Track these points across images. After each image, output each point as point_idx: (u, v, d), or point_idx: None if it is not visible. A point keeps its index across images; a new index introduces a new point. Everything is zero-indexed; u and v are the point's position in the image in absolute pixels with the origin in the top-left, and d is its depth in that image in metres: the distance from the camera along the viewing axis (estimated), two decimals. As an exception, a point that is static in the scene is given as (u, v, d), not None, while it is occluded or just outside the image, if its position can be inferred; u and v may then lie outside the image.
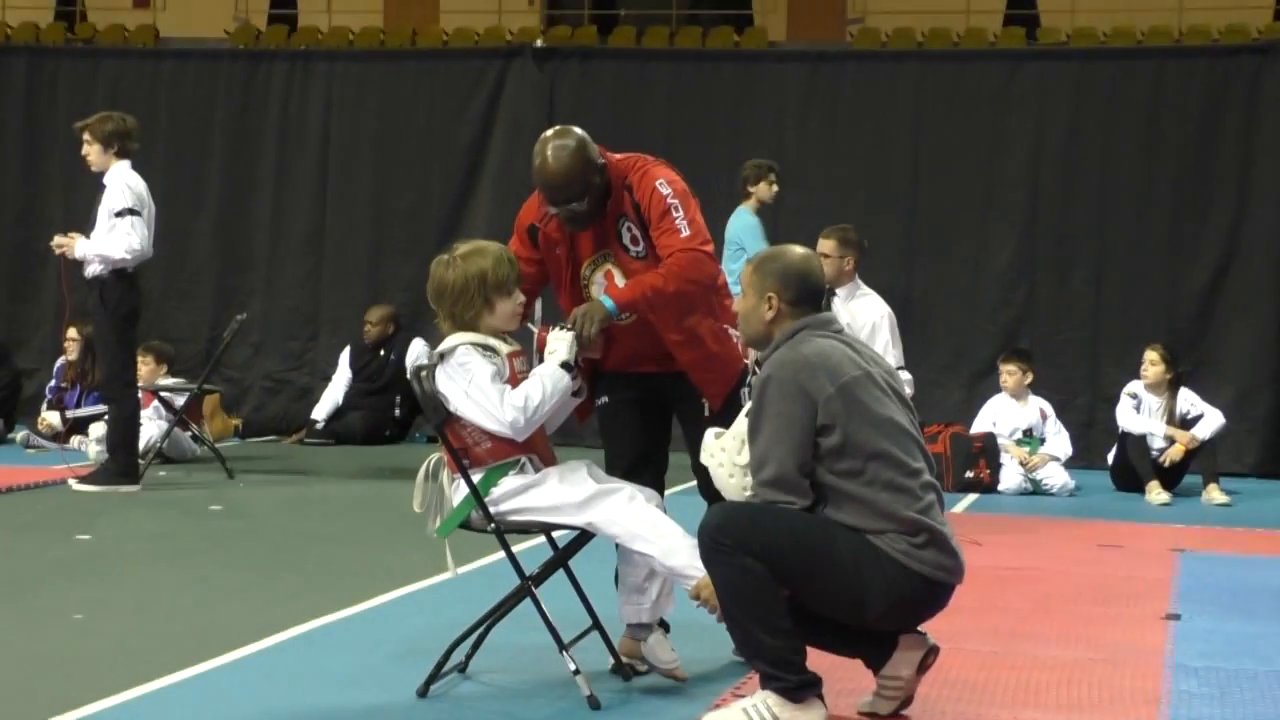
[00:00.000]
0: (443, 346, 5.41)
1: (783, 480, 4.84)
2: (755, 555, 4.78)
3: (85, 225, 10.55)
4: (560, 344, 5.45)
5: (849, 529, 4.85)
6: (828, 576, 4.84)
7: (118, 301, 10.34)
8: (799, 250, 5.25)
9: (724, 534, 4.82)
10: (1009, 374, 12.31)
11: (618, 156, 5.76)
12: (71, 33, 19.20)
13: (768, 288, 5.08)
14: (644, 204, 5.63)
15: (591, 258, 5.78)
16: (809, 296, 5.10)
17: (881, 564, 4.83)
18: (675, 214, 5.60)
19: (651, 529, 5.27)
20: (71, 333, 13.08)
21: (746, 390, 5.47)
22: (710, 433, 5.22)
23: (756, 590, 4.81)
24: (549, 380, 5.35)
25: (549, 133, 5.70)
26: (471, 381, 5.29)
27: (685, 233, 5.59)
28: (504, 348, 5.41)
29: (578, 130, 5.66)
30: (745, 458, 5.03)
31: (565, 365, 5.40)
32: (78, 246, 10.38)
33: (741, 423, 5.10)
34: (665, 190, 5.63)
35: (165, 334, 14.41)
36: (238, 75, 15.51)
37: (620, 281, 5.70)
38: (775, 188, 12.94)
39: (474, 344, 5.36)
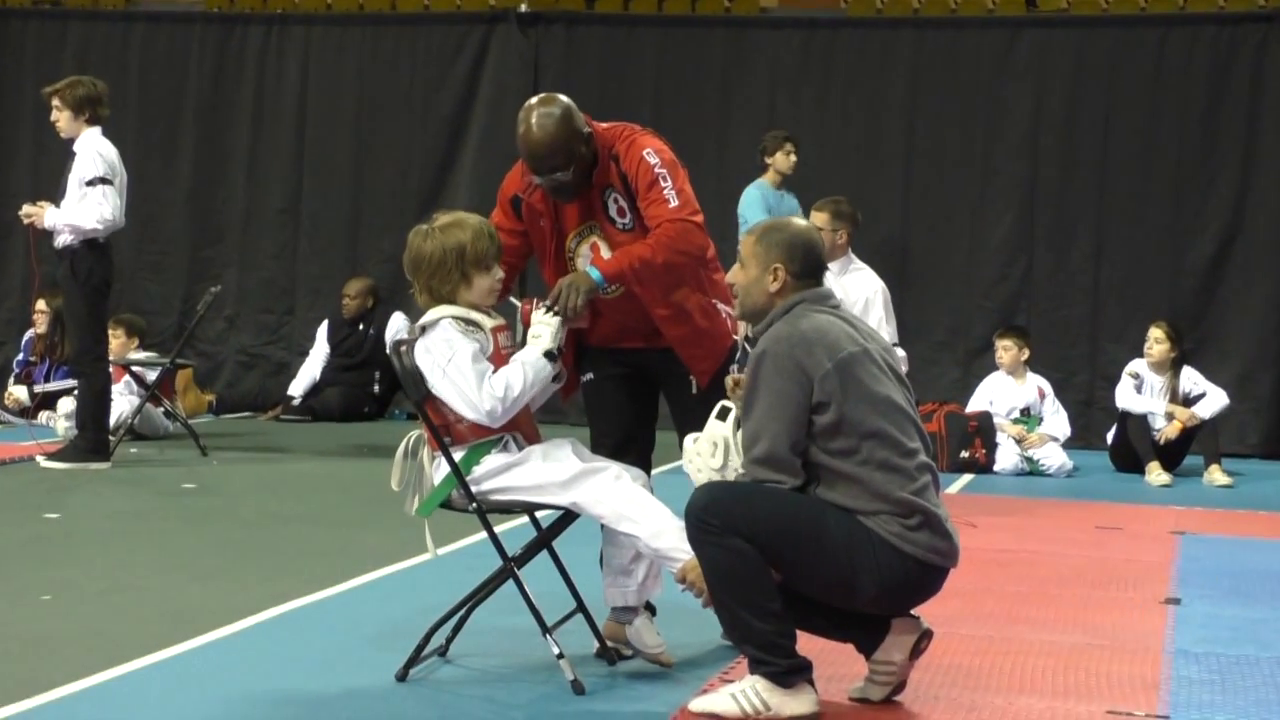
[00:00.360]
0: (424, 319, 5.40)
1: (774, 458, 4.85)
2: (744, 536, 4.78)
3: (54, 194, 10.50)
4: (545, 330, 5.43)
5: (841, 510, 4.86)
6: (818, 559, 4.84)
7: (89, 272, 10.31)
8: (802, 221, 5.29)
9: (712, 514, 4.83)
10: (1004, 350, 12.33)
11: (604, 126, 5.75)
12: (40, -5, 19.10)
13: (773, 259, 5.08)
14: (631, 174, 5.62)
15: (577, 229, 5.77)
16: (813, 269, 5.12)
17: (874, 546, 4.84)
18: (663, 184, 5.59)
19: (638, 509, 5.27)
20: (40, 305, 13.06)
21: (735, 368, 5.47)
22: (688, 439, 5.25)
23: (745, 572, 4.81)
24: (530, 369, 5.34)
25: (533, 100, 5.69)
26: (451, 360, 5.28)
27: (674, 203, 5.58)
28: (487, 322, 5.40)
29: (563, 98, 5.65)
30: (718, 460, 5.07)
31: (549, 354, 5.38)
32: (47, 216, 10.34)
33: (713, 425, 5.12)
34: (653, 160, 5.62)
35: (136, 307, 14.41)
36: (211, 39, 15.47)
37: (606, 253, 5.69)
38: (793, 158, 13.01)
39: (457, 318, 5.35)
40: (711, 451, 5.10)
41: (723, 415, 5.16)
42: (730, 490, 4.94)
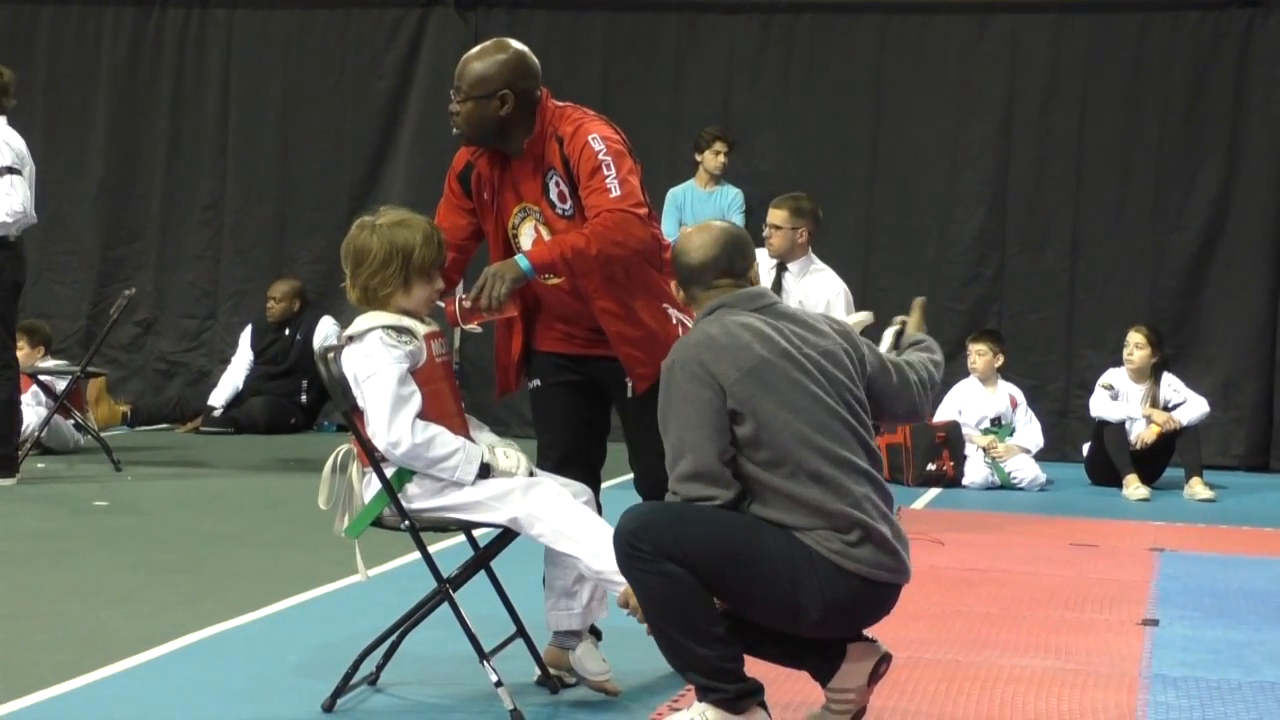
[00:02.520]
0: (353, 329, 5.40)
1: (702, 471, 4.83)
2: (677, 560, 4.78)
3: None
4: (515, 462, 5.42)
5: (778, 527, 4.85)
6: (758, 581, 4.83)
7: None
8: (690, 233, 5.22)
9: (641, 539, 4.81)
10: (979, 354, 12.39)
11: (556, 104, 5.80)
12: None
13: (675, 278, 5.20)
14: (574, 159, 5.65)
15: (519, 207, 5.79)
16: (704, 276, 5.09)
17: (814, 564, 4.83)
18: (606, 172, 5.60)
19: (578, 528, 5.28)
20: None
21: None
22: None
23: (683, 598, 4.80)
24: (462, 456, 5.31)
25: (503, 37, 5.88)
26: (371, 377, 5.28)
27: (615, 193, 5.60)
28: (421, 329, 5.41)
29: (517, 45, 5.83)
30: None
31: (484, 469, 5.37)
32: None
33: None
34: (597, 146, 5.65)
35: (42, 310, 14.36)
36: (126, 24, 15.42)
37: (548, 239, 5.71)
38: (722, 158, 13.11)
39: (388, 327, 5.34)
40: None
41: None
42: (660, 512, 4.92)
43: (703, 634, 4.82)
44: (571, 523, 5.28)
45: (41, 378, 12.18)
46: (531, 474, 5.46)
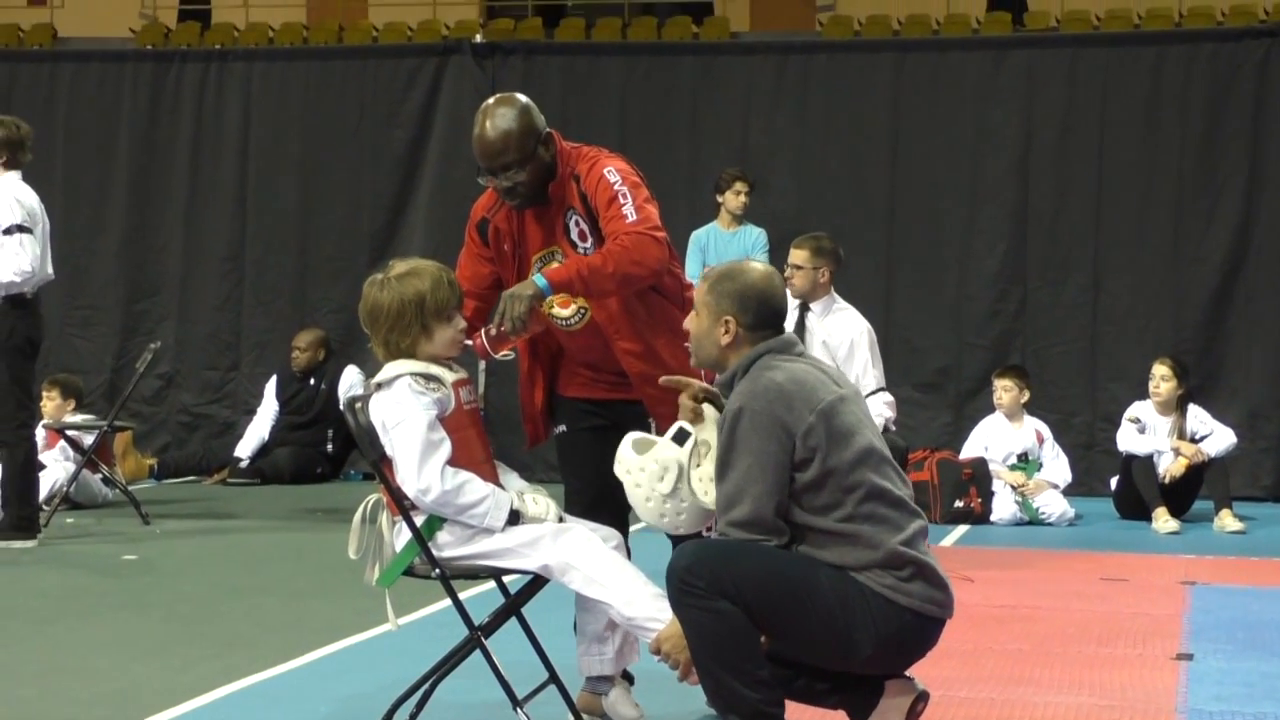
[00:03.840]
0: (380, 376, 5.41)
1: (758, 521, 4.87)
2: (730, 598, 4.79)
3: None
4: (544, 508, 5.41)
5: (830, 566, 4.88)
6: (811, 618, 4.85)
7: (9, 332, 10.07)
8: (758, 268, 5.25)
9: (695, 575, 4.83)
10: (1004, 390, 12.37)
11: (570, 145, 5.83)
12: (-40, 34, 19.17)
13: (724, 310, 5.10)
14: (590, 193, 5.69)
15: (540, 253, 5.83)
16: (770, 319, 5.12)
17: (868, 601, 4.86)
18: (622, 200, 5.66)
19: (610, 574, 5.27)
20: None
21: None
22: (628, 440, 5.22)
23: (732, 637, 4.82)
24: (491, 504, 5.31)
25: (491, 100, 5.87)
26: (400, 424, 5.29)
27: (632, 217, 5.64)
28: (449, 376, 5.41)
29: (521, 96, 5.81)
30: (667, 486, 5.07)
31: (513, 515, 5.38)
32: None
33: (666, 448, 5.12)
34: (613, 178, 5.70)
35: (65, 365, 14.40)
36: (145, 78, 15.49)
37: None
38: (743, 198, 13.13)
39: (416, 375, 5.35)
40: (660, 475, 5.10)
41: (679, 438, 5.15)
42: (714, 548, 4.94)
43: (748, 676, 4.82)
44: (603, 569, 5.28)
45: (69, 433, 12.19)
46: (560, 519, 5.46)
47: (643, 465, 5.15)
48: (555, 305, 5.86)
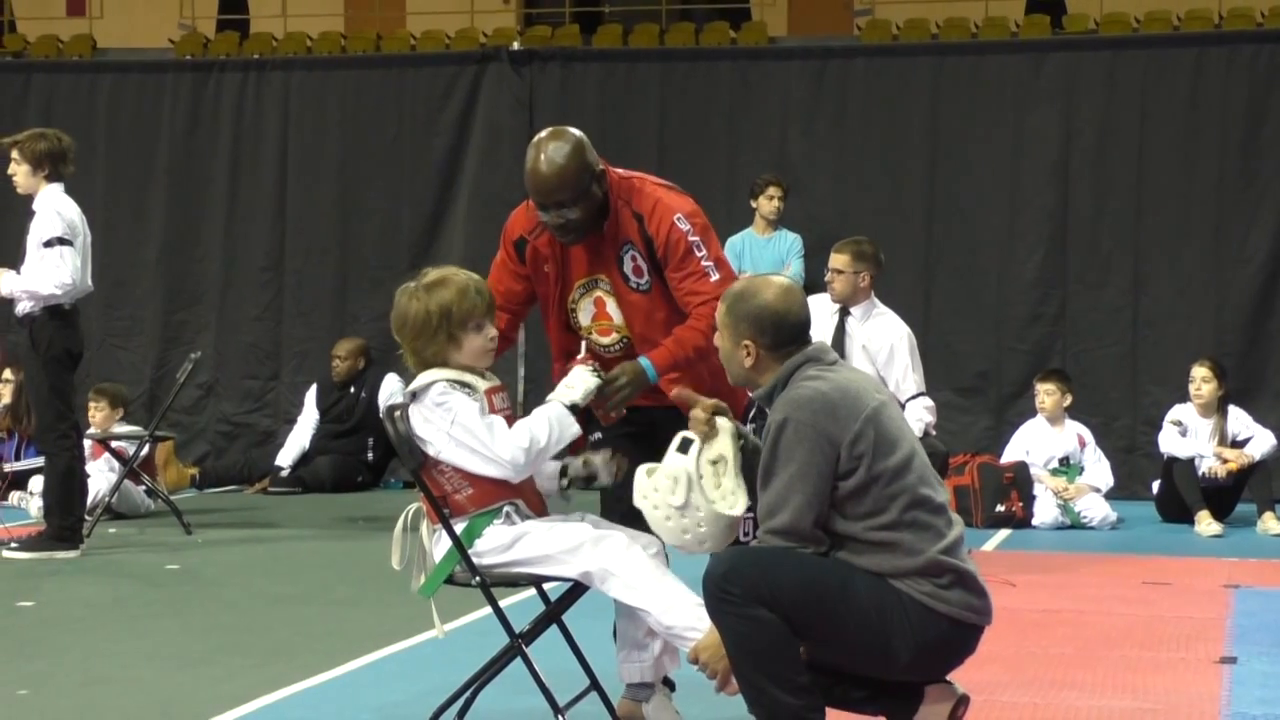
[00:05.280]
0: (415, 385, 5.42)
1: (797, 531, 4.86)
2: (767, 605, 4.79)
3: (17, 258, 10.42)
4: (580, 382, 5.47)
5: (868, 574, 4.87)
6: (848, 625, 4.85)
7: (49, 342, 10.10)
8: (775, 284, 5.17)
9: (731, 583, 4.83)
10: (1047, 394, 12.34)
11: (619, 173, 5.80)
12: (0, 45, 19.27)
13: (742, 334, 5.08)
14: (660, 240, 5.64)
15: (583, 280, 5.81)
16: (791, 336, 5.09)
17: (905, 608, 4.86)
18: (698, 253, 5.63)
19: (650, 583, 5.27)
20: (6, 375, 13.07)
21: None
22: (641, 470, 5.21)
23: (771, 644, 4.81)
24: (556, 425, 5.36)
25: (544, 133, 5.76)
26: (454, 422, 5.30)
27: (714, 276, 5.63)
28: (481, 384, 5.42)
29: (575, 131, 5.73)
30: (679, 498, 5.07)
31: (573, 407, 5.42)
32: (3, 282, 10.18)
33: (673, 459, 5.11)
34: (684, 226, 5.66)
35: (106, 376, 14.44)
36: (184, 88, 15.55)
37: (613, 310, 5.74)
38: (776, 202, 13.12)
39: (450, 380, 5.38)
40: (671, 488, 5.09)
41: (683, 448, 5.13)
42: (750, 555, 4.94)
43: (788, 682, 4.81)
44: (642, 577, 5.28)
45: (113, 444, 12.24)
46: (599, 378, 5.50)
47: (655, 485, 5.14)
48: (595, 332, 5.86)
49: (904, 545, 4.87)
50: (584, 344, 5.70)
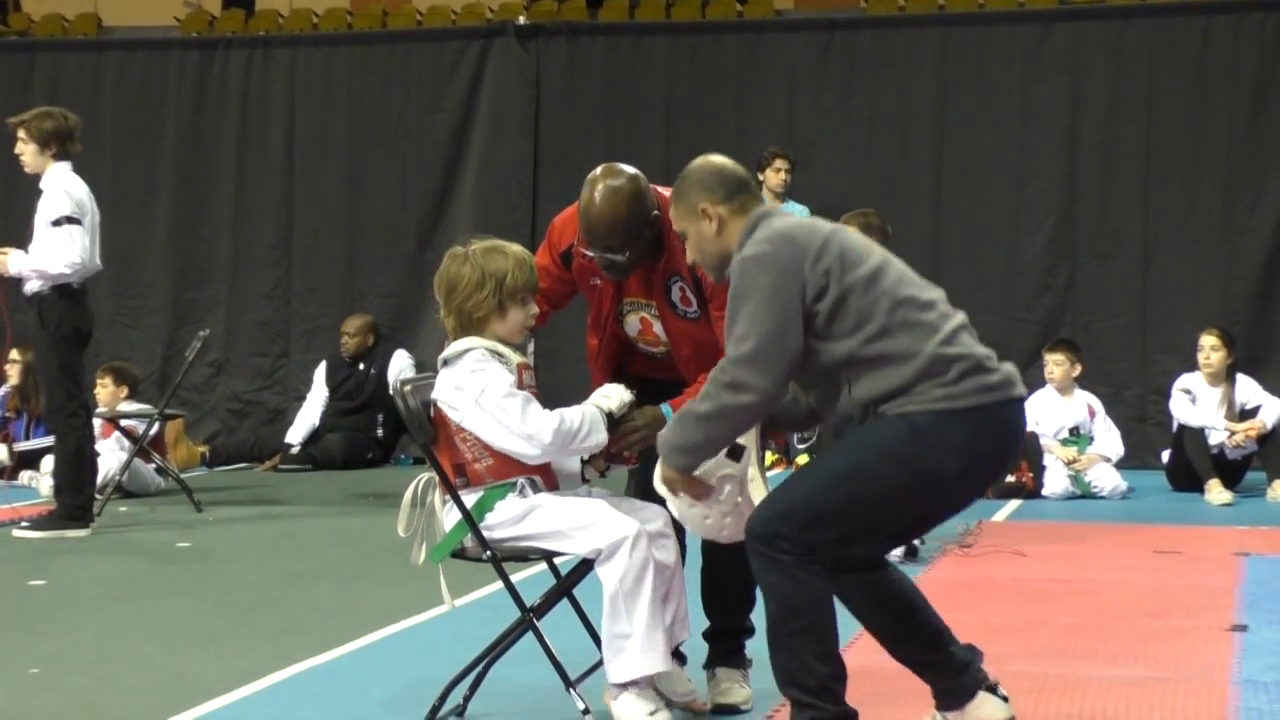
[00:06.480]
0: (448, 351, 5.41)
1: (761, 355, 4.79)
2: (817, 542, 4.73)
3: (25, 237, 10.41)
4: (616, 393, 5.48)
5: (881, 427, 4.82)
6: (896, 484, 4.78)
7: (58, 321, 10.10)
8: (710, 157, 5.27)
9: (780, 535, 4.77)
10: (1056, 364, 12.33)
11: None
12: (4, 24, 19.26)
13: (696, 202, 5.10)
14: (707, 282, 5.58)
15: (632, 299, 5.78)
16: (739, 185, 5.13)
17: (927, 430, 4.77)
18: None
19: (627, 598, 5.23)
20: (14, 355, 13.07)
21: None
22: (660, 463, 5.20)
23: (812, 607, 4.76)
24: (589, 421, 5.36)
25: (599, 170, 5.59)
26: (484, 391, 5.30)
27: None
28: (515, 357, 5.43)
29: (633, 170, 5.58)
30: (728, 505, 5.07)
31: (610, 415, 5.43)
32: (11, 261, 10.16)
33: (722, 465, 5.10)
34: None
35: (116, 355, 14.47)
36: (190, 66, 15.55)
37: (659, 330, 5.72)
38: (783, 175, 13.09)
39: (488, 349, 5.38)
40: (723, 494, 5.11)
41: (735, 455, 5.12)
42: (777, 499, 4.88)
43: (822, 649, 4.80)
44: (630, 585, 5.23)
45: (122, 422, 12.25)
46: (632, 395, 5.52)
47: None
48: (642, 343, 5.84)
49: (900, 350, 4.82)
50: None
